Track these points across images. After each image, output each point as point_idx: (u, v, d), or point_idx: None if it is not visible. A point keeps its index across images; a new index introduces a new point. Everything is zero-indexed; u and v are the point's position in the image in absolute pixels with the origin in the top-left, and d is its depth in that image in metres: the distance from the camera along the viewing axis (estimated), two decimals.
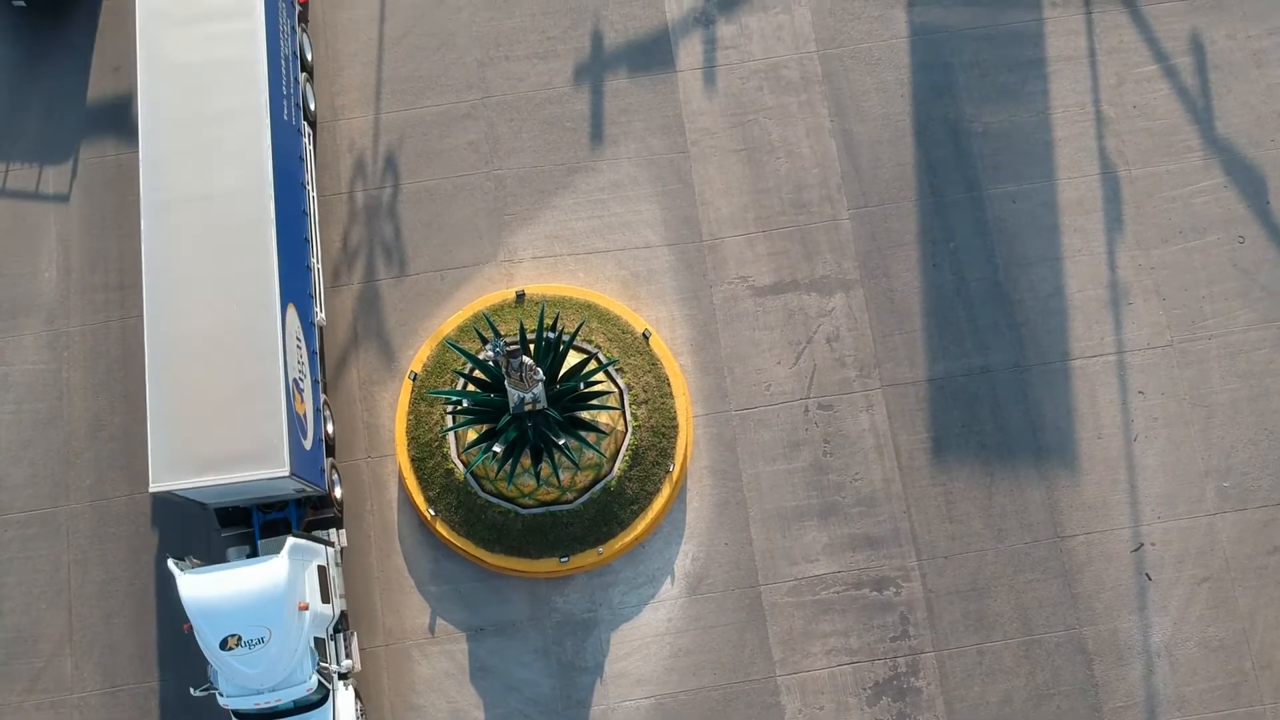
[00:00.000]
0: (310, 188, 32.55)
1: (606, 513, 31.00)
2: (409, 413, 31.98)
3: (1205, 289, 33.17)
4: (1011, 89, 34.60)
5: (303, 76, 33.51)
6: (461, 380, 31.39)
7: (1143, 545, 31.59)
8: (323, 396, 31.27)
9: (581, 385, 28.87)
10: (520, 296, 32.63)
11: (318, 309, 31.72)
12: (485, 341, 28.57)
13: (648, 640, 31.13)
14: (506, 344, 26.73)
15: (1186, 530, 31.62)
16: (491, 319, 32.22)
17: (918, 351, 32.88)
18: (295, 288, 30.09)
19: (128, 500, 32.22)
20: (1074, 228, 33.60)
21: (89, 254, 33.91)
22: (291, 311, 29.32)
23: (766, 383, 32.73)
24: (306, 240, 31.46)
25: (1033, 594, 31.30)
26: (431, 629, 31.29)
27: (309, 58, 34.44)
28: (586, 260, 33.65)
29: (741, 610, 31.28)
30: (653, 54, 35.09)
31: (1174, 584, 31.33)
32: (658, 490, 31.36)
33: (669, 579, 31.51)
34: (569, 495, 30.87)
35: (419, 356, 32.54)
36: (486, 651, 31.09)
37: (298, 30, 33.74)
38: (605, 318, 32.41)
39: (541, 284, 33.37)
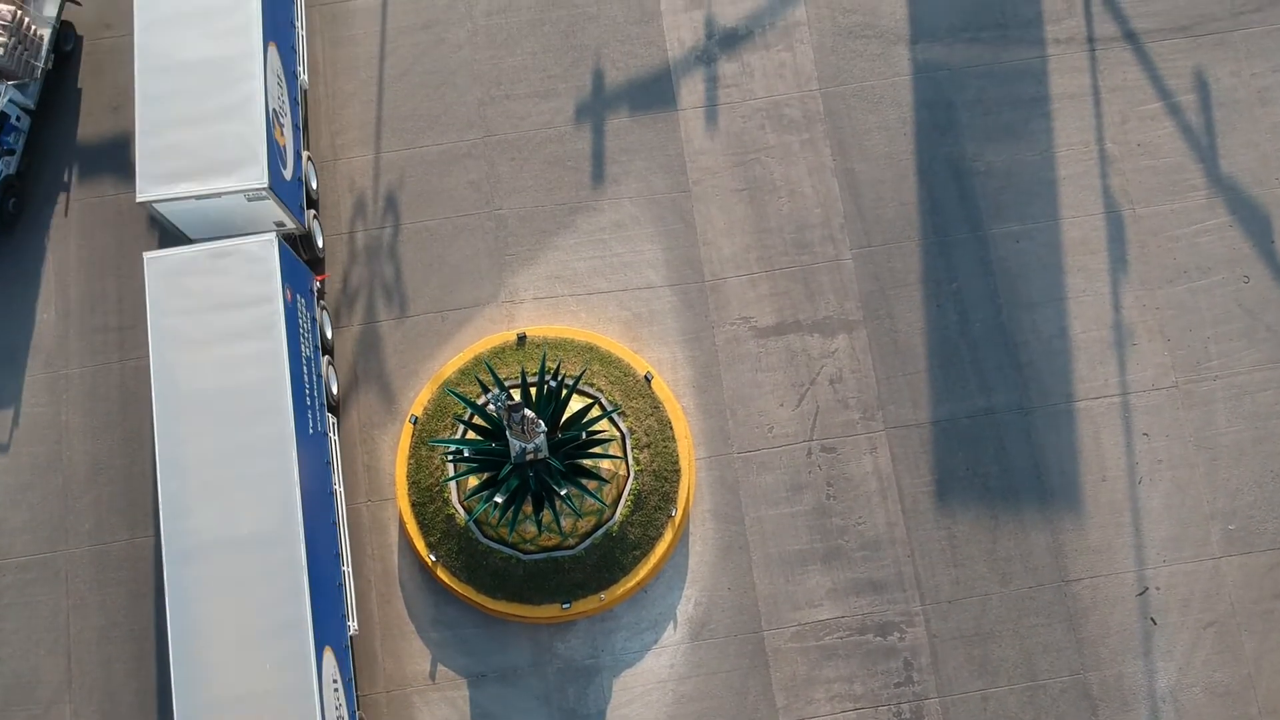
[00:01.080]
0: (337, 484, 31.39)
1: (609, 558, 30.80)
2: (409, 457, 31.80)
3: (1210, 329, 32.98)
4: (1015, 127, 34.43)
5: (325, 360, 31.79)
6: (462, 427, 31.20)
7: (1148, 589, 31.39)
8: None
9: (584, 434, 28.68)
10: (521, 339, 32.45)
11: (350, 623, 30.19)
12: (486, 390, 28.39)
13: (650, 687, 30.93)
14: (508, 399, 26.55)
15: (1192, 574, 31.42)
16: (492, 365, 32.04)
17: (921, 393, 32.69)
18: (329, 628, 28.55)
19: (127, 544, 32.04)
20: (1078, 268, 33.41)
21: (87, 296, 33.73)
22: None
23: (769, 425, 32.54)
24: (337, 555, 30.13)
25: (1037, 639, 31.10)
26: (432, 675, 31.10)
27: (329, 336, 32.77)
28: (588, 301, 33.47)
29: (744, 656, 31.08)
30: (654, 92, 34.92)
31: (1179, 628, 31.12)
32: (660, 535, 31.17)
33: (671, 624, 31.32)
34: (571, 541, 30.69)
35: (420, 399, 32.36)
36: (488, 698, 30.89)
37: (318, 318, 32.14)
38: (607, 360, 32.23)
39: (543, 325, 33.19)
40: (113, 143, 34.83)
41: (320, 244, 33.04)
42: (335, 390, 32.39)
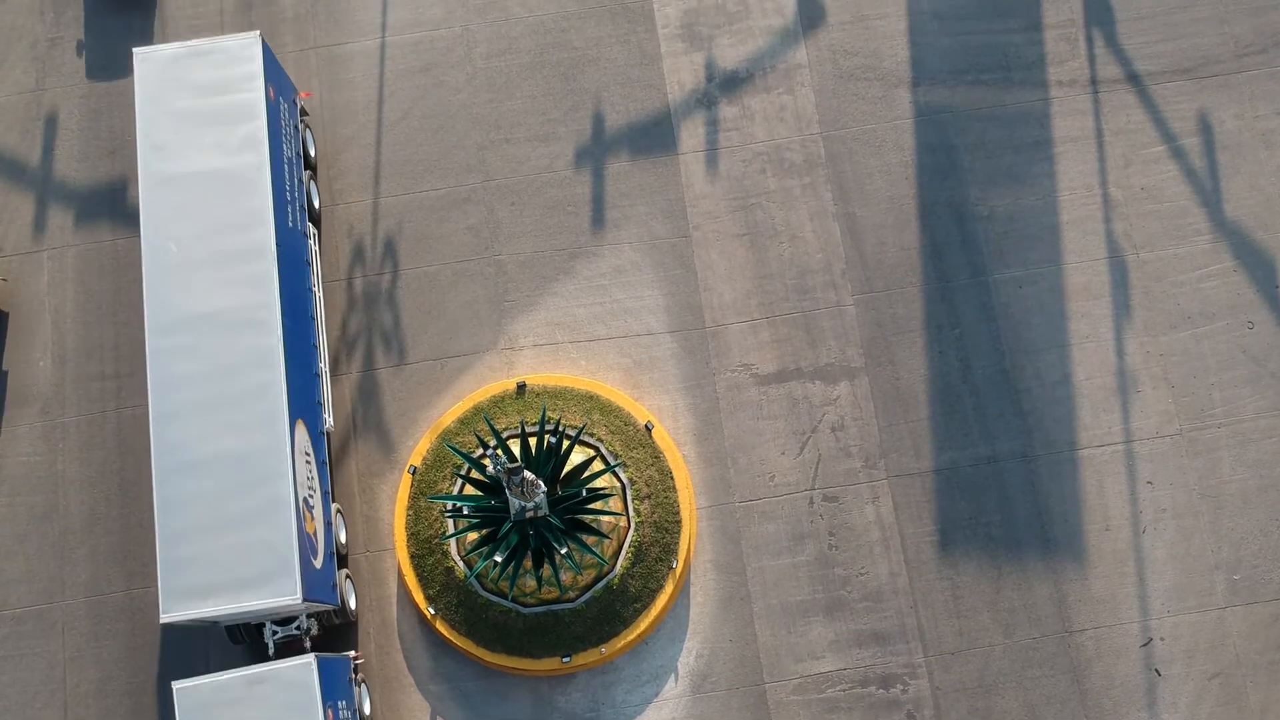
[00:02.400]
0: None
1: (609, 611, 30.59)
2: (408, 508, 31.59)
3: (1214, 376, 32.77)
4: (1017, 171, 34.23)
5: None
6: (460, 481, 30.98)
7: (1152, 640, 31.19)
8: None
9: (584, 490, 28.47)
10: (521, 388, 32.24)
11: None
12: (485, 446, 28.19)
13: None
14: (508, 460, 26.35)
15: (1196, 624, 31.20)
16: (492, 415, 31.84)
17: (924, 441, 32.48)
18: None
19: (124, 595, 31.82)
20: (1081, 313, 33.21)
21: (84, 342, 33.51)
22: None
23: (770, 474, 32.34)
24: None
25: (1041, 690, 30.89)
26: None
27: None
28: (588, 348, 33.26)
29: (746, 709, 30.87)
30: (654, 136, 34.71)
31: (1184, 679, 30.91)
32: (661, 587, 30.96)
33: (673, 677, 31.10)
34: (571, 594, 30.48)
35: (418, 449, 32.14)
36: None
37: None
38: (607, 409, 32.02)
39: (543, 373, 32.98)
40: (109, 187, 34.60)
41: (354, 604, 31.26)
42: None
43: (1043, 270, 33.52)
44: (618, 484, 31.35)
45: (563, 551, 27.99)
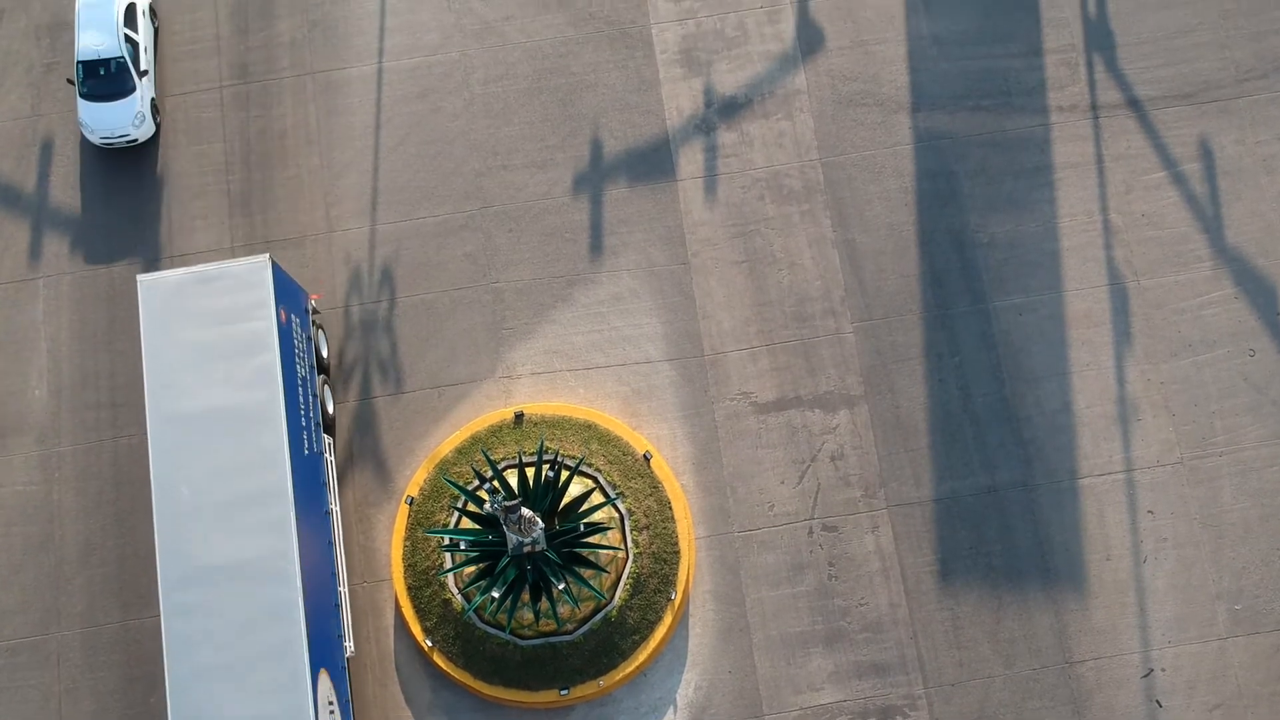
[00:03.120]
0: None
1: (607, 643, 30.42)
2: (405, 539, 31.41)
3: (1215, 404, 32.61)
4: (1017, 197, 34.07)
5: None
6: (457, 514, 30.80)
7: (1153, 671, 31.01)
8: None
9: (581, 525, 28.30)
10: (519, 417, 32.07)
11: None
12: (483, 480, 28.02)
13: None
14: (505, 499, 26.18)
15: (1198, 655, 31.03)
16: (490, 445, 31.66)
17: (924, 470, 32.32)
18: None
19: (120, 627, 31.64)
20: (1082, 341, 33.05)
21: (80, 371, 33.34)
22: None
23: (770, 503, 32.17)
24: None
25: None
26: None
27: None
28: (586, 376, 33.09)
29: None
30: (653, 162, 34.55)
31: (1185, 710, 30.75)
32: (659, 619, 30.79)
33: (672, 709, 30.92)
34: (569, 626, 30.30)
35: (415, 480, 31.96)
36: None
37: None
38: (606, 439, 31.85)
39: (540, 401, 32.81)
40: (105, 215, 34.41)
41: None
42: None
43: (1043, 297, 33.36)
44: (616, 515, 31.18)
45: (560, 587, 27.82)
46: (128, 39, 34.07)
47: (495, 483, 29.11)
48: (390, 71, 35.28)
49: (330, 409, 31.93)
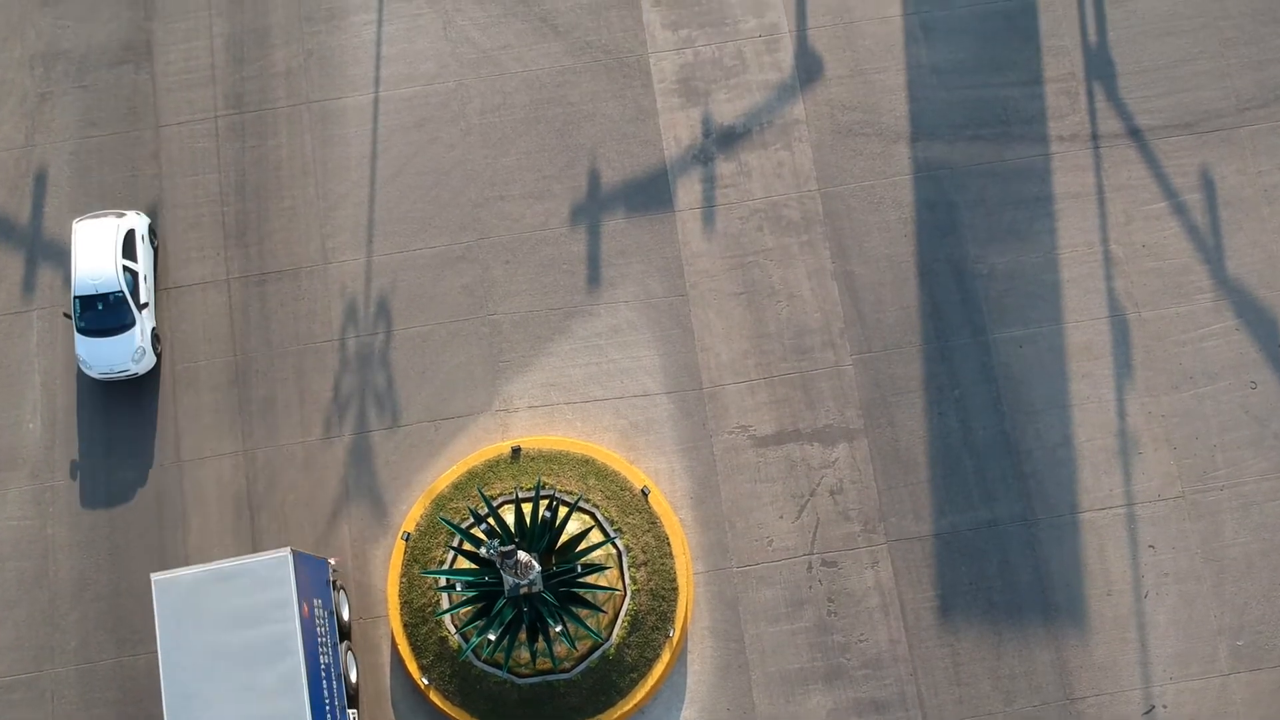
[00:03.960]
0: None
1: (605, 681, 30.21)
2: (402, 575, 31.20)
3: (1217, 437, 32.41)
4: (1018, 227, 33.87)
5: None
6: (453, 554, 30.59)
7: (1154, 707, 30.81)
8: None
9: (578, 565, 28.09)
10: (516, 452, 31.85)
11: None
12: (479, 520, 27.81)
13: None
14: (501, 544, 25.98)
15: (1199, 692, 30.83)
16: (487, 480, 31.44)
17: (924, 504, 32.11)
18: None
19: (114, 664, 31.42)
20: (1082, 373, 32.85)
21: (74, 404, 33.09)
22: None
23: (769, 538, 31.97)
24: None
25: None
26: None
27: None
28: (584, 409, 32.88)
29: None
30: (651, 193, 34.34)
31: None
32: (657, 656, 30.58)
33: None
34: (566, 664, 30.09)
35: (412, 514, 31.75)
36: None
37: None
38: (603, 474, 31.64)
39: (538, 434, 32.60)
40: None
41: None
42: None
43: (1043, 329, 33.16)
44: (614, 551, 30.98)
45: (557, 629, 27.61)
46: (126, 269, 32.23)
47: (491, 520, 28.87)
48: (387, 101, 35.07)
49: (354, 677, 30.59)
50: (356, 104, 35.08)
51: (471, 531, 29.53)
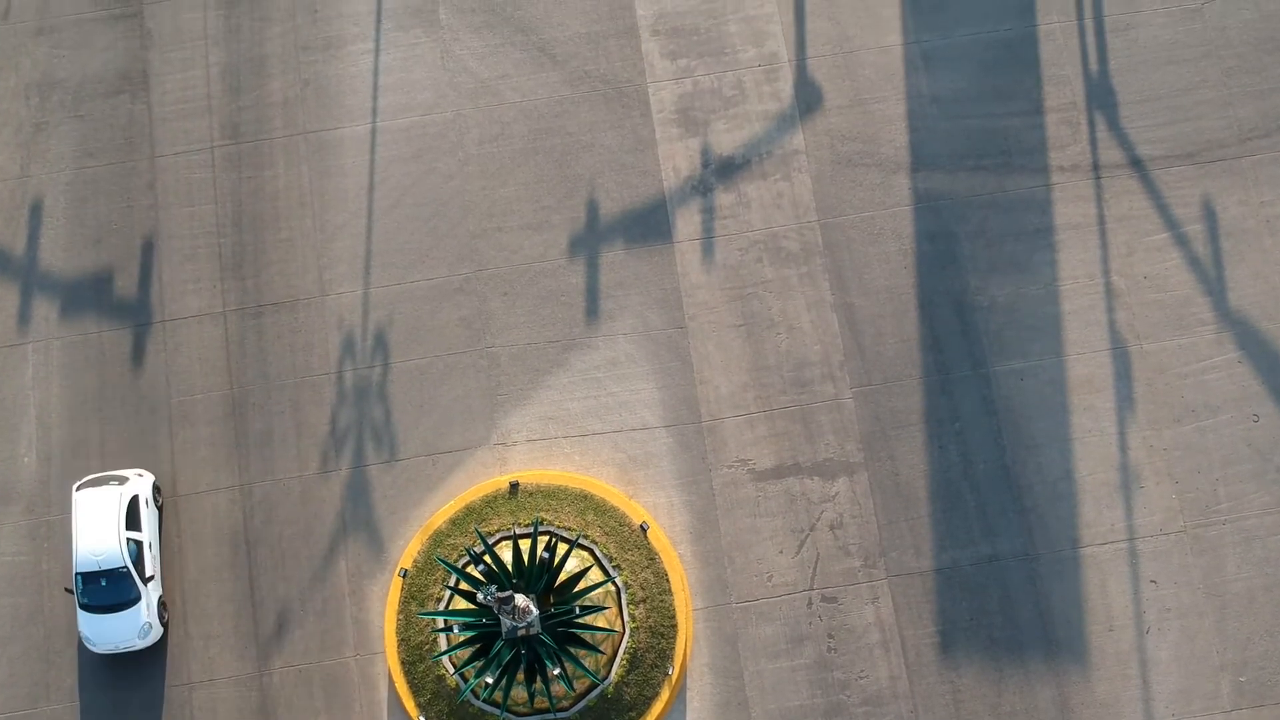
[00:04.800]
0: None
1: None
2: (399, 612, 31.00)
3: (1219, 471, 32.22)
4: (1018, 259, 33.68)
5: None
6: (450, 593, 30.39)
7: None
8: None
9: (576, 607, 27.89)
10: (514, 487, 31.66)
11: None
12: (477, 561, 27.62)
13: None
14: (497, 592, 25.79)
15: None
16: (485, 518, 31.25)
17: (924, 539, 31.92)
18: None
19: (110, 701, 31.20)
20: (1083, 406, 32.65)
21: (70, 438, 32.91)
22: None
23: (768, 573, 31.78)
24: None
25: None
26: None
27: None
28: (582, 443, 32.69)
29: None
30: (650, 224, 34.15)
31: None
32: (656, 694, 30.38)
33: None
34: (564, 703, 29.89)
35: (409, 550, 31.55)
36: None
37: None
38: (602, 509, 31.45)
39: (536, 468, 32.40)
40: (95, 277, 34.01)
41: None
42: None
43: (1044, 362, 32.97)
44: (612, 589, 30.78)
45: (555, 671, 27.42)
46: (130, 541, 30.90)
47: (488, 558, 28.66)
48: (384, 131, 34.87)
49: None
50: (354, 134, 34.87)
51: (469, 571, 29.33)
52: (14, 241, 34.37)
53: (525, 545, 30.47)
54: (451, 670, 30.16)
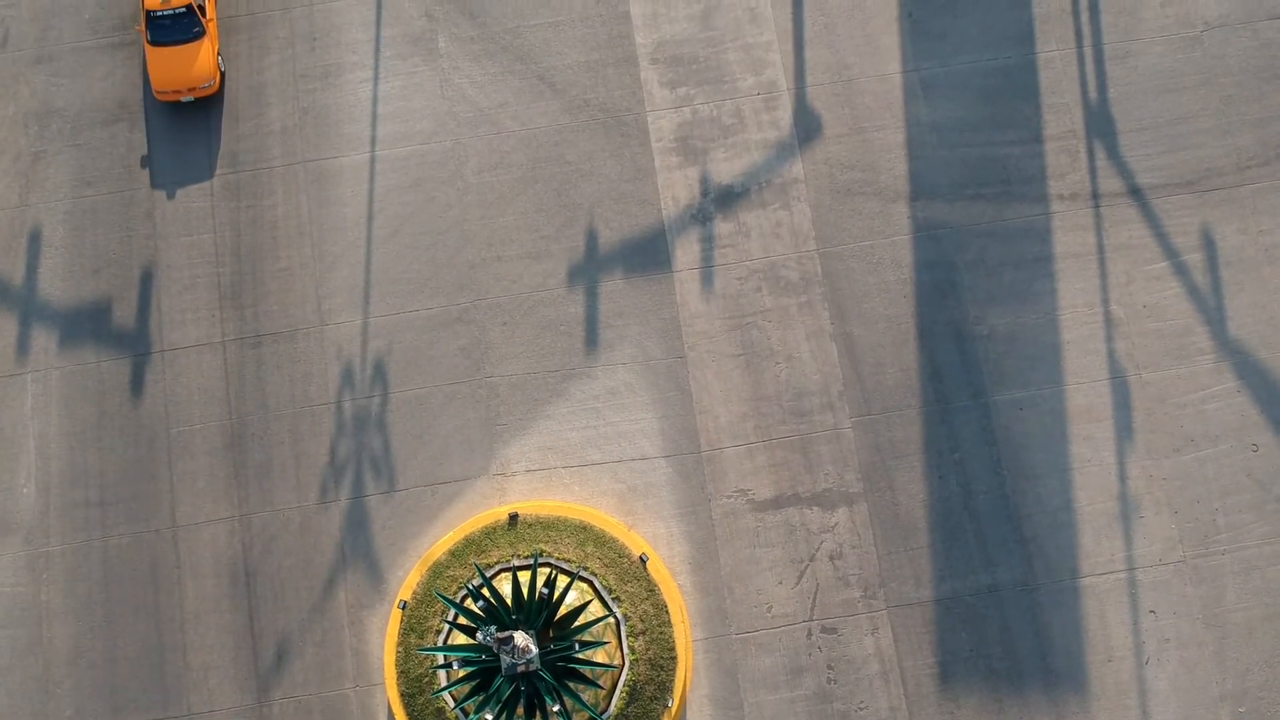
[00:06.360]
0: None
1: None
2: (398, 644, 30.97)
3: (1218, 501, 32.22)
4: (1018, 288, 33.68)
5: None
6: (448, 628, 30.37)
7: None
8: None
9: (575, 643, 27.88)
10: (513, 519, 31.65)
11: None
12: (476, 596, 27.60)
13: None
14: (496, 631, 25.78)
15: None
16: (484, 547, 31.24)
17: (924, 569, 31.92)
18: None
19: None
20: (1083, 436, 32.66)
21: (69, 469, 32.89)
22: None
23: (768, 604, 31.76)
24: None
25: None
26: None
27: None
28: (581, 473, 32.68)
29: None
30: (648, 253, 34.15)
31: None
32: None
33: None
34: None
35: (408, 581, 31.54)
36: None
37: None
38: (601, 540, 31.44)
39: (535, 499, 32.39)
40: (94, 306, 33.99)
41: None
42: None
43: (1043, 392, 32.97)
44: (612, 621, 30.76)
45: (555, 708, 27.40)
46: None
47: (487, 592, 28.65)
48: (383, 160, 34.86)
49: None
50: (352, 163, 34.86)
51: (467, 606, 29.31)
52: (13, 271, 34.35)
53: (524, 578, 30.46)
54: (452, 704, 30.14)
